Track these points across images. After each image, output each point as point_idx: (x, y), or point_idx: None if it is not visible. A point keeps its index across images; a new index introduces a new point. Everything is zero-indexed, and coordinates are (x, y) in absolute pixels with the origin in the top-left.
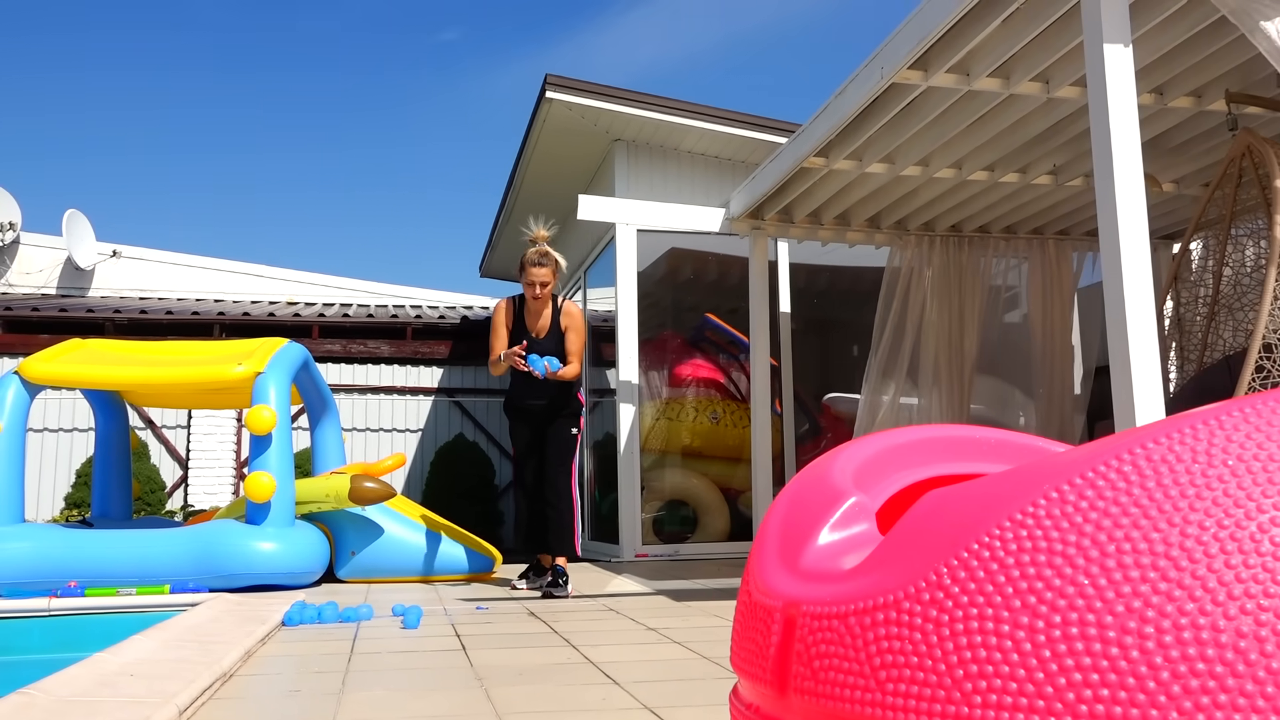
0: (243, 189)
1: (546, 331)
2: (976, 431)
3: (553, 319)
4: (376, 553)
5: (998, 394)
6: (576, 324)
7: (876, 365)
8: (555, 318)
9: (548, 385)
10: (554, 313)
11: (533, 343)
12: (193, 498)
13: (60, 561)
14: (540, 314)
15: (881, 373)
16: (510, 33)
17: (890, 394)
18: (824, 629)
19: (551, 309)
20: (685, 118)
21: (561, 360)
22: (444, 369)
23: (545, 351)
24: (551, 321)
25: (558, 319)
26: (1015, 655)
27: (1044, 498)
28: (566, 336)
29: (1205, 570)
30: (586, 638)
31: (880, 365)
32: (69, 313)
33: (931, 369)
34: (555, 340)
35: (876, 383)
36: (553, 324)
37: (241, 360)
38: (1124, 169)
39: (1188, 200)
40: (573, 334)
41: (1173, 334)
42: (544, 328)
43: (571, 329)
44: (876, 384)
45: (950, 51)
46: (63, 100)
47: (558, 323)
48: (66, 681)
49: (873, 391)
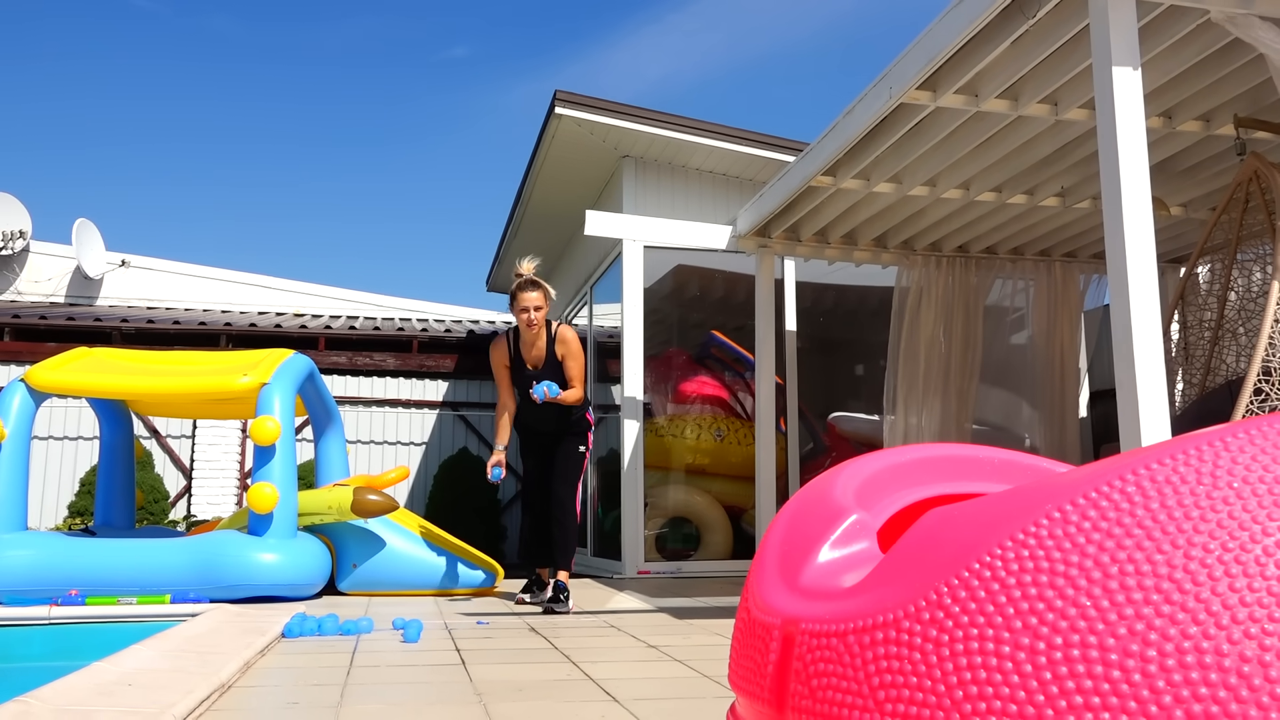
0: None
1: (544, 362)
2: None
3: (548, 348)
4: (378, 565)
5: (1002, 415)
6: (573, 350)
7: (892, 385)
8: (550, 346)
9: (551, 409)
10: (549, 341)
11: (532, 376)
12: (196, 508)
13: (62, 570)
14: (535, 344)
15: (897, 393)
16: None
17: (906, 414)
18: (823, 647)
19: (546, 337)
20: (693, 135)
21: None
22: (449, 382)
23: (542, 377)
24: (547, 351)
25: (553, 347)
26: (1016, 676)
27: (1046, 517)
28: (565, 364)
29: (1209, 593)
30: (587, 654)
31: (895, 385)
32: (76, 321)
33: (939, 389)
34: (553, 370)
35: (892, 402)
36: (549, 353)
37: (247, 371)
38: (1132, 192)
39: (1195, 224)
40: (570, 360)
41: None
42: (540, 358)
43: (569, 355)
44: (892, 404)
45: (959, 72)
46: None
47: (553, 351)
48: (64, 690)
49: (892, 412)
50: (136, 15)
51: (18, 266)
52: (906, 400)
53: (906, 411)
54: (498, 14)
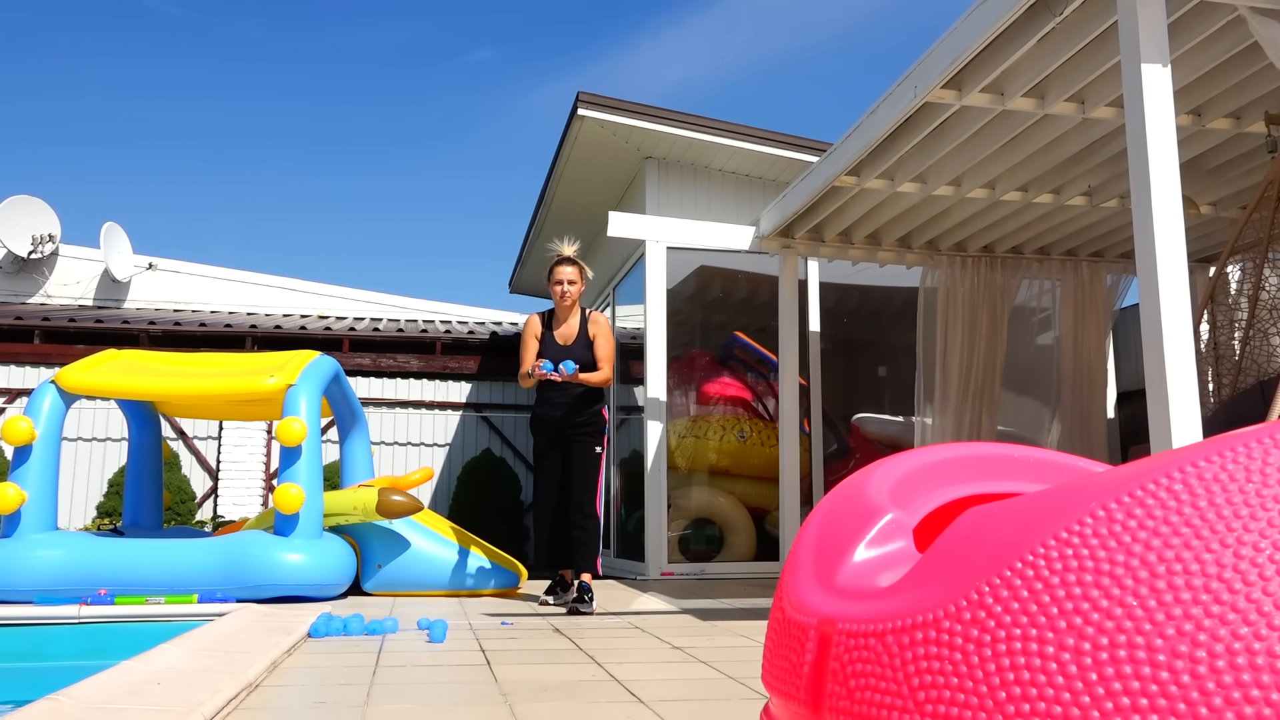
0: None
1: (575, 339)
2: (1015, 450)
3: (580, 327)
4: (403, 566)
5: (1028, 416)
6: (604, 331)
7: (921, 387)
8: (583, 326)
9: (564, 398)
10: (582, 321)
11: (562, 352)
12: (222, 508)
13: (91, 569)
14: (567, 322)
15: (926, 394)
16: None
17: (936, 415)
18: (860, 647)
19: (580, 317)
20: (717, 135)
21: (590, 368)
22: (472, 384)
23: (575, 359)
24: (580, 330)
25: (585, 327)
26: (1060, 678)
27: (1090, 515)
28: (595, 344)
29: (1260, 593)
30: (611, 655)
31: (924, 387)
32: (105, 324)
33: (967, 391)
34: (584, 348)
35: (922, 404)
36: (580, 332)
37: (273, 372)
38: (1162, 191)
39: (1225, 223)
40: (602, 340)
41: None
42: (571, 335)
43: (600, 335)
44: (922, 405)
45: (984, 71)
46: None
47: (585, 331)
48: (95, 689)
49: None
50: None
51: (47, 270)
52: (937, 402)
53: (936, 413)
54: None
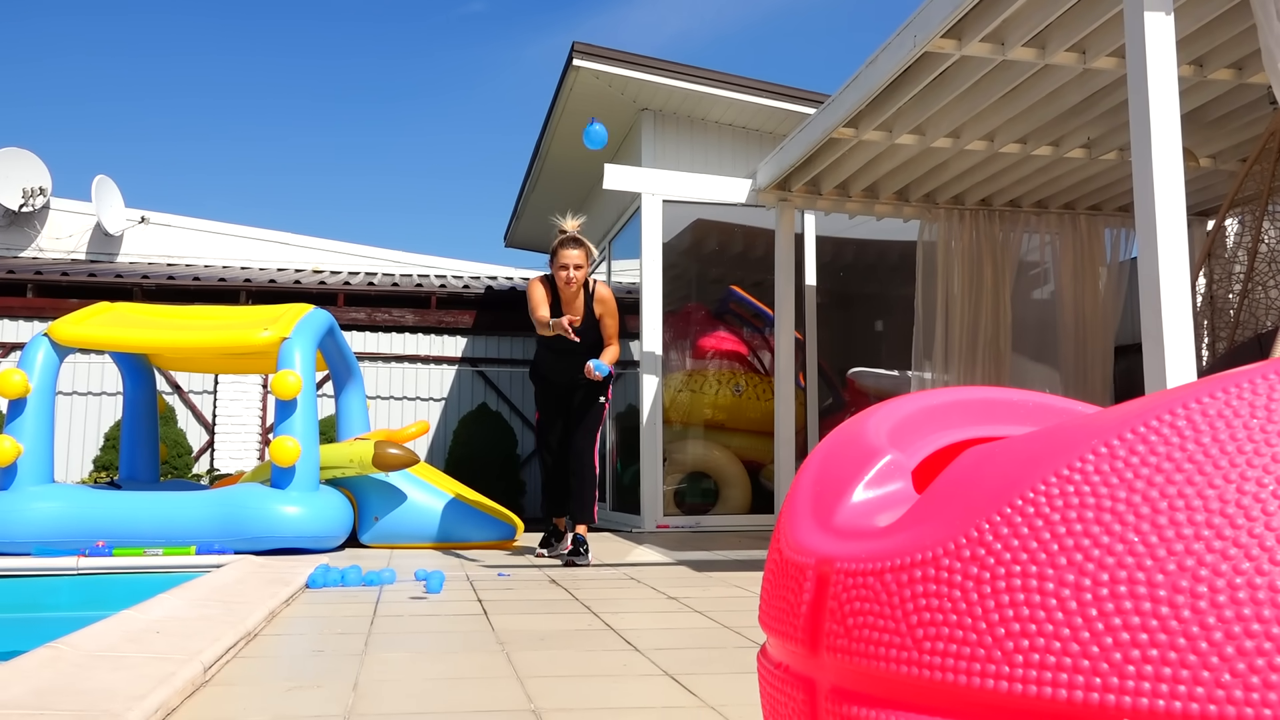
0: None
1: (581, 319)
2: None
3: (586, 305)
4: (399, 518)
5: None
6: (610, 308)
7: (919, 341)
8: (589, 304)
9: (573, 363)
10: (587, 299)
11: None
12: (219, 462)
13: (88, 522)
14: (573, 301)
15: (925, 348)
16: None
17: (937, 370)
18: (859, 586)
19: (584, 295)
20: (713, 87)
21: (600, 347)
22: (468, 338)
23: (581, 336)
24: (586, 309)
25: (591, 305)
26: (1060, 614)
27: (1092, 453)
28: (602, 322)
29: (1263, 528)
30: (607, 605)
31: (923, 341)
32: (98, 278)
33: (968, 345)
34: (590, 328)
35: (920, 358)
36: (587, 311)
37: (268, 325)
38: (1162, 143)
39: (1223, 176)
40: (608, 318)
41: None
42: (578, 318)
43: (606, 314)
44: (920, 359)
45: (985, 20)
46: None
47: (591, 309)
48: (95, 636)
49: (920, 368)
50: None
51: (38, 224)
52: (936, 357)
53: (936, 368)
54: None
